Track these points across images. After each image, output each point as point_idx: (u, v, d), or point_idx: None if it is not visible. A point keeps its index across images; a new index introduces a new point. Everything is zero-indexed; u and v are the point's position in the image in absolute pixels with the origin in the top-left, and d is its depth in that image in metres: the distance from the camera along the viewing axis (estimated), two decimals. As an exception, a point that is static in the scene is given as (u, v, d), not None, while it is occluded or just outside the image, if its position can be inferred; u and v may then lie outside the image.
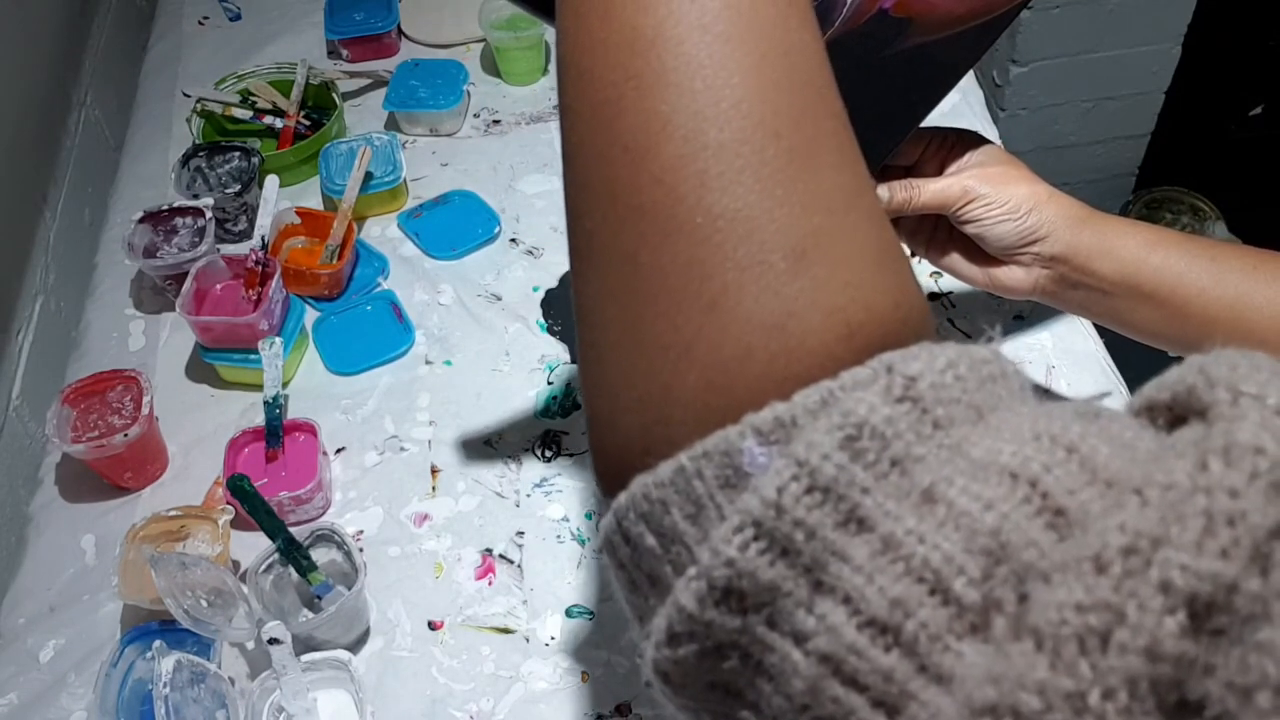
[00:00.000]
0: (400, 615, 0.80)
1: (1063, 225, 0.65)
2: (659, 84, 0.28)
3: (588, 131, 0.30)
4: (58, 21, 1.19)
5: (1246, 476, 0.21)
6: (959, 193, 0.66)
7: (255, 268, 0.94)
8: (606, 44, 0.30)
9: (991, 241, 0.66)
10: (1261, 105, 2.12)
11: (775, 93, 0.29)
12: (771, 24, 0.30)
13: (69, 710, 0.76)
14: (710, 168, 0.28)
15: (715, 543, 0.25)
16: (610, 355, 0.30)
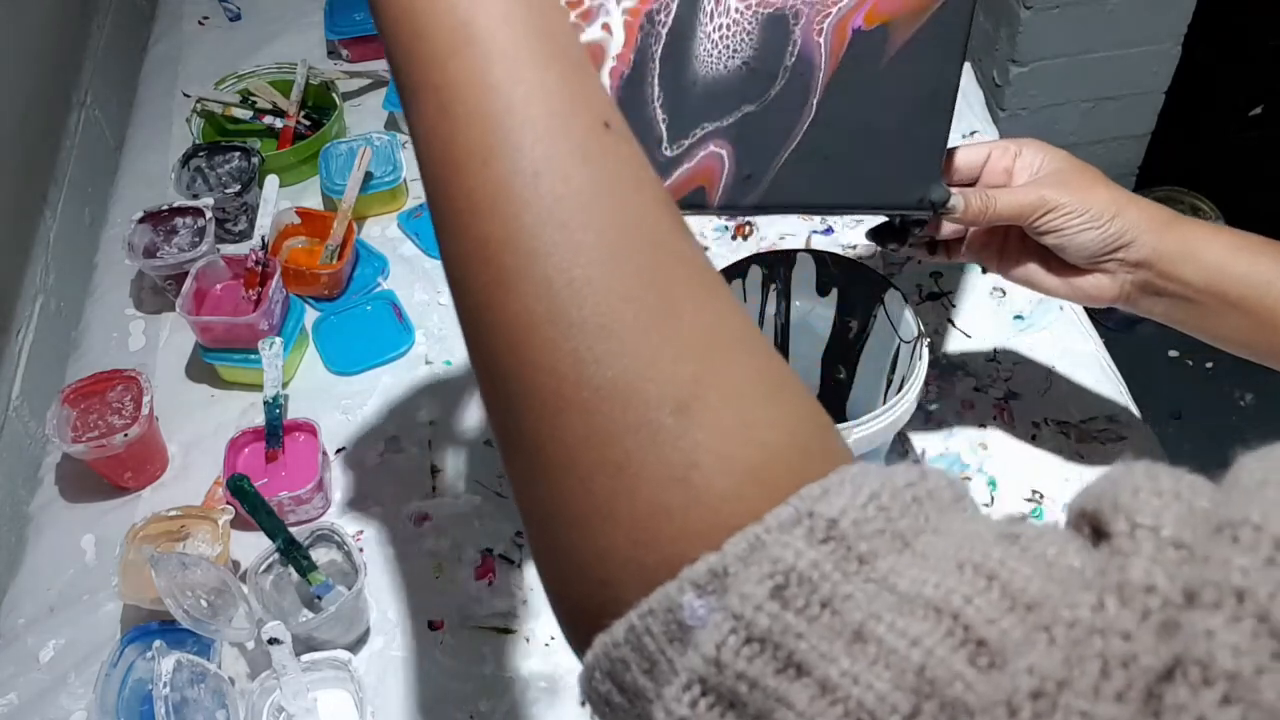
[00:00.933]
0: (400, 615, 0.80)
1: (1146, 230, 0.63)
2: (517, 281, 0.31)
3: (474, 332, 0.33)
4: (58, 21, 1.19)
5: (1138, 616, 0.23)
6: (1036, 202, 0.64)
7: (255, 268, 0.94)
8: (467, 255, 0.32)
9: (1074, 251, 0.64)
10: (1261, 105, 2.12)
11: (618, 262, 0.30)
12: (604, 197, 0.31)
13: (69, 710, 0.76)
14: (579, 345, 0.30)
15: (668, 702, 0.27)
16: (546, 529, 0.31)
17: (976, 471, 0.84)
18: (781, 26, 0.56)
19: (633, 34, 0.53)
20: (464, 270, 0.33)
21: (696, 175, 0.57)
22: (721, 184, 0.58)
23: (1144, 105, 1.73)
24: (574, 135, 0.32)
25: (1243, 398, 1.87)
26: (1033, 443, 0.85)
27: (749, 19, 0.56)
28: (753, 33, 0.56)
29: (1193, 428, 1.81)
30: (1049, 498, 0.82)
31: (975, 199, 0.64)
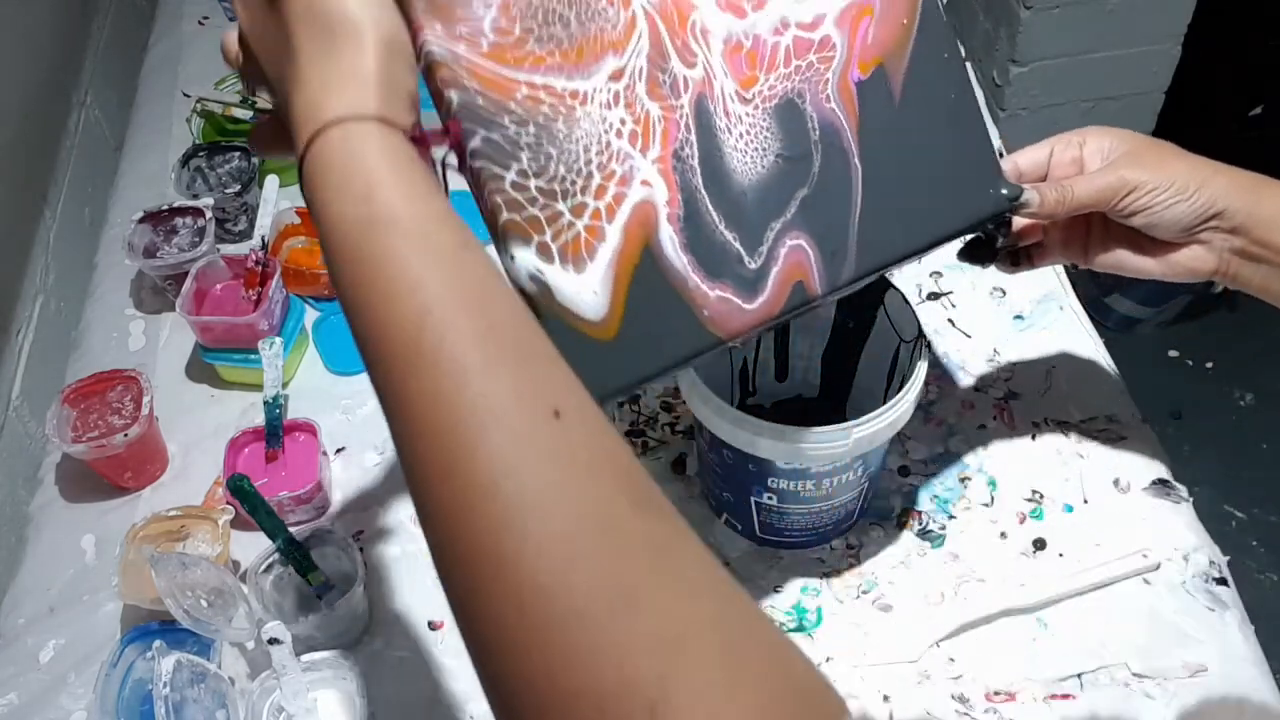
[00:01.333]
0: (400, 615, 0.80)
1: (1236, 195, 0.62)
2: (490, 587, 0.33)
3: (460, 625, 0.36)
4: (58, 21, 1.19)
5: None
6: (1117, 184, 0.63)
7: (255, 268, 0.94)
8: (444, 558, 0.35)
9: (1166, 227, 0.64)
10: (1261, 105, 2.12)
11: (581, 561, 0.32)
12: (560, 494, 0.33)
13: (69, 710, 0.76)
14: (551, 652, 0.31)
15: None
16: None
17: (976, 471, 0.84)
18: (793, 110, 0.58)
19: (670, 178, 0.53)
20: (444, 571, 0.35)
21: (790, 273, 0.57)
22: (815, 271, 0.58)
23: (1144, 105, 1.73)
24: (524, 436, 0.33)
25: (1243, 398, 1.87)
26: (1033, 443, 0.85)
27: (762, 117, 0.57)
28: (771, 127, 0.57)
29: (1193, 428, 1.81)
30: (1049, 498, 0.82)
31: (1050, 191, 0.64)
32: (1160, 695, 0.72)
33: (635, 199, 0.52)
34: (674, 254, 0.53)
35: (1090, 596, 0.77)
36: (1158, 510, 0.81)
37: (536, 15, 0.50)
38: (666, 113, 0.54)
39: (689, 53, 0.55)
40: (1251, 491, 1.73)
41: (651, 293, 0.52)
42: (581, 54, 0.51)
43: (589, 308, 0.51)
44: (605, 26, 0.52)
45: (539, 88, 0.49)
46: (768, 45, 0.57)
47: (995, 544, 0.80)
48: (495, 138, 0.48)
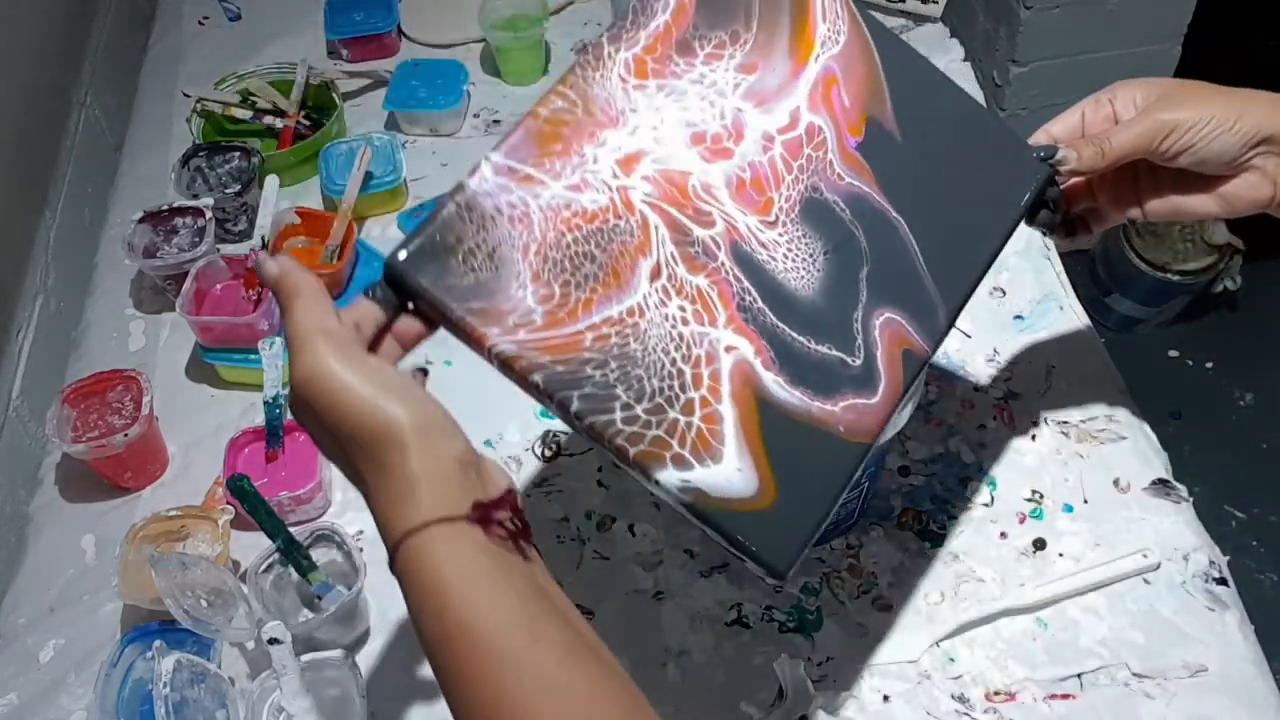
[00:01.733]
0: (400, 615, 0.80)
1: (1276, 111, 0.62)
2: None
3: None
4: (58, 21, 1.20)
5: None
6: (1155, 127, 0.62)
7: (255, 268, 0.94)
8: None
9: (1214, 161, 0.63)
10: (1261, 105, 2.12)
11: None
12: None
13: (69, 710, 0.76)
14: None
15: None
16: None
17: (976, 471, 0.84)
18: (816, 205, 0.59)
19: (747, 330, 0.55)
20: None
21: (892, 349, 0.58)
22: (914, 334, 0.58)
23: (1144, 105, 1.73)
24: None
25: (1243, 398, 1.87)
26: (1033, 443, 0.85)
27: (794, 229, 0.58)
28: (806, 233, 0.58)
29: (1193, 428, 1.81)
30: (1049, 498, 0.82)
31: (1086, 146, 0.63)
32: (1160, 695, 0.72)
33: (728, 367, 0.54)
34: (786, 394, 0.54)
35: (1090, 596, 0.77)
36: (1158, 510, 0.81)
37: (565, 266, 0.52)
38: (712, 277, 0.55)
39: (704, 215, 0.56)
40: (1251, 491, 1.73)
41: (785, 441, 0.53)
42: (618, 274, 0.53)
43: (741, 487, 0.52)
44: (625, 239, 0.54)
45: (599, 325, 0.52)
46: (764, 166, 0.58)
47: (995, 544, 0.80)
48: (589, 391, 0.51)
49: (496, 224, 0.52)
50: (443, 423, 0.48)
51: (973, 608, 0.76)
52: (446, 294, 0.50)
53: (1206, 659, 0.73)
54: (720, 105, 0.58)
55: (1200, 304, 1.92)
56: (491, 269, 0.51)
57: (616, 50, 0.57)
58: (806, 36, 0.62)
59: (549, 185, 0.53)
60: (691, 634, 0.77)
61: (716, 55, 0.59)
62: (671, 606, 0.79)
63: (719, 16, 0.60)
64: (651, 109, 0.57)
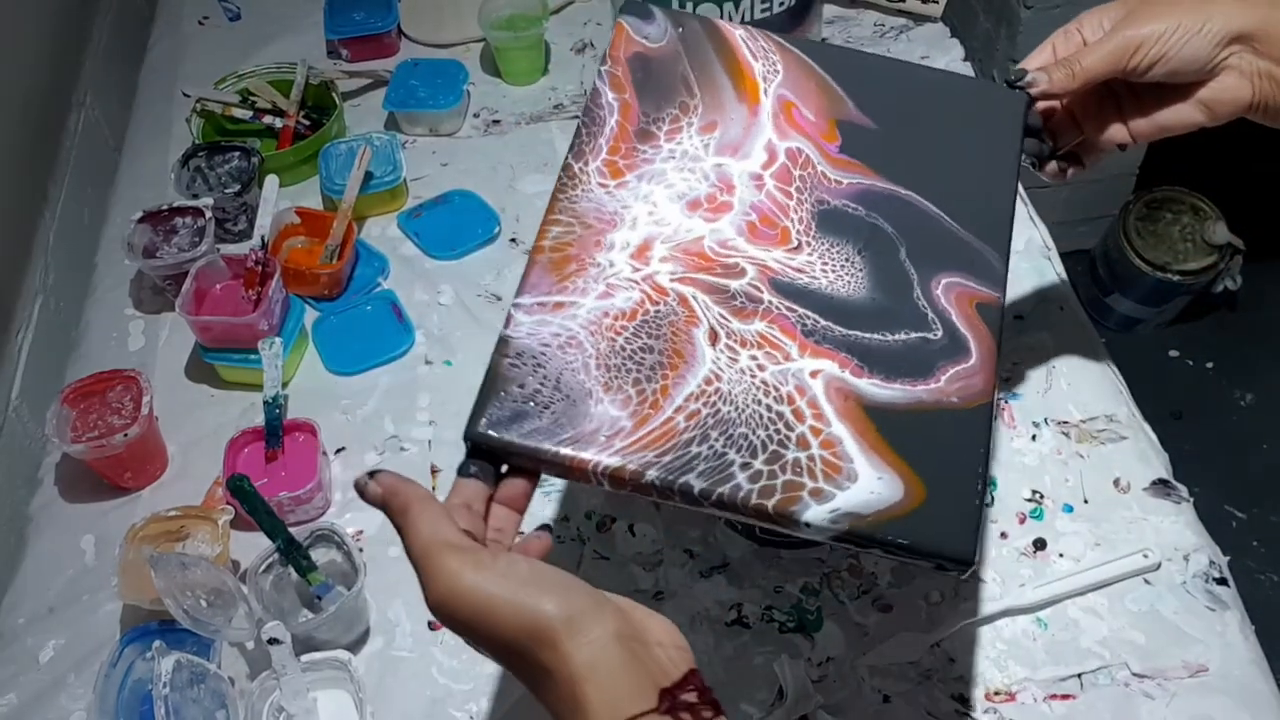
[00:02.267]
0: (400, 615, 0.80)
1: (1247, 12, 0.61)
2: None
3: None
4: (58, 22, 1.20)
5: None
6: (1123, 43, 0.62)
7: (255, 268, 0.94)
8: None
9: (1187, 67, 0.63)
10: (1261, 105, 2.12)
11: None
12: None
13: (68, 710, 0.76)
14: None
15: None
16: None
17: (976, 471, 0.84)
18: (829, 215, 0.61)
19: (822, 351, 0.56)
20: None
21: (966, 307, 0.60)
22: (980, 285, 0.61)
23: (1144, 105, 1.73)
24: None
25: (1243, 398, 1.87)
26: (1033, 443, 0.85)
27: (819, 245, 0.60)
28: (833, 243, 0.60)
29: (1193, 428, 1.81)
30: (1049, 498, 0.82)
31: (1056, 69, 0.64)
32: (1160, 695, 0.72)
33: (822, 390, 0.54)
34: (888, 391, 0.55)
35: (1090, 596, 0.77)
36: (1158, 510, 0.81)
37: (629, 367, 0.54)
38: (766, 318, 0.56)
39: (732, 269, 0.58)
40: (1251, 491, 1.73)
41: (909, 435, 0.53)
42: (680, 353, 0.55)
43: (889, 495, 0.51)
44: (671, 320, 0.56)
45: (685, 405, 0.53)
46: (765, 202, 0.60)
47: (995, 544, 0.80)
48: (703, 468, 0.51)
49: (549, 357, 0.53)
50: (590, 601, 0.44)
51: (973, 608, 0.76)
52: (534, 439, 0.50)
53: (1207, 659, 0.73)
54: (700, 168, 0.61)
55: (1200, 304, 1.92)
56: (563, 399, 0.52)
57: (584, 164, 0.60)
58: (747, 80, 0.65)
59: (581, 303, 0.55)
60: (691, 634, 0.77)
61: (676, 130, 0.62)
62: (671, 606, 0.79)
63: (662, 97, 0.63)
64: (640, 199, 0.59)
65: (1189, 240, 1.84)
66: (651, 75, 0.64)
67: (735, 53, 0.66)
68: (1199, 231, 1.82)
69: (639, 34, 0.65)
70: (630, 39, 0.65)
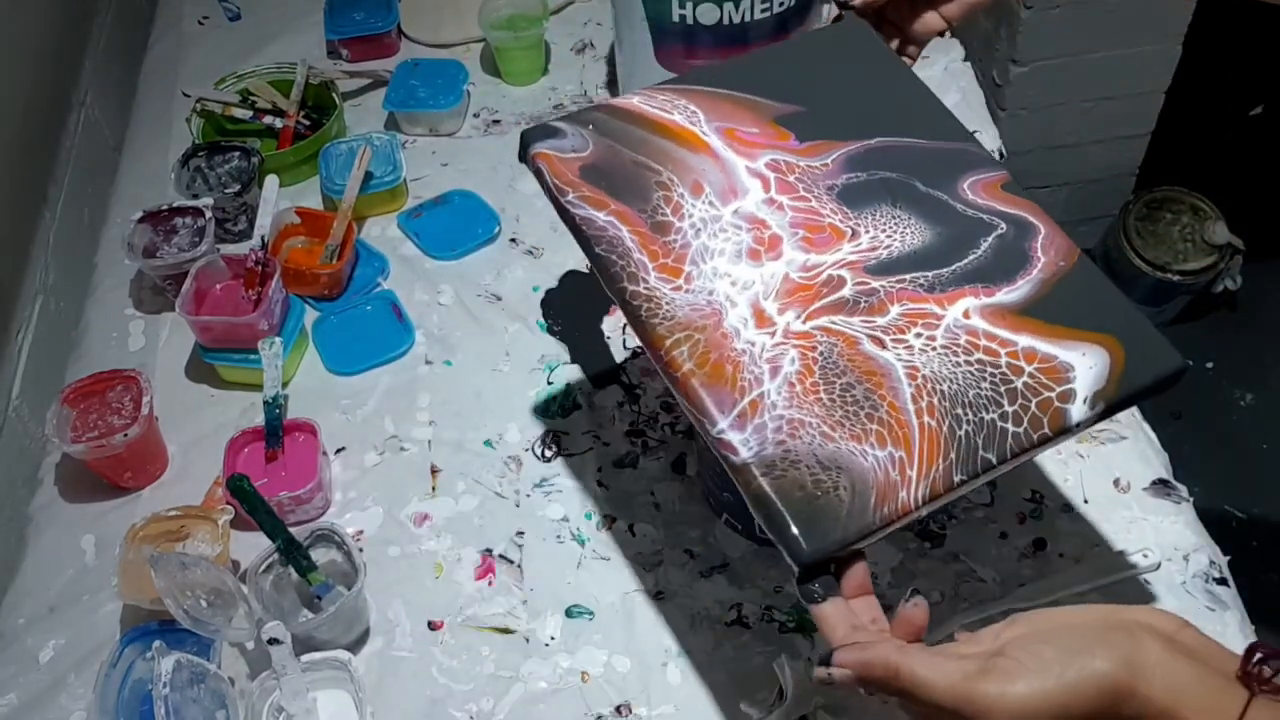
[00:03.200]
0: (400, 615, 0.80)
1: None
2: None
3: None
4: (58, 21, 1.20)
5: None
6: None
7: (255, 268, 0.94)
8: None
9: None
10: (1261, 105, 2.12)
11: None
12: None
13: (68, 710, 0.76)
14: None
15: None
16: None
17: (976, 471, 0.84)
18: (847, 194, 0.64)
19: (951, 294, 0.60)
20: None
21: (994, 192, 0.65)
22: (990, 172, 0.66)
23: (1144, 105, 1.73)
24: None
25: (1243, 398, 1.87)
26: (1033, 443, 0.85)
27: (865, 219, 0.63)
28: (869, 210, 0.64)
29: (1193, 428, 1.81)
30: (1049, 498, 0.82)
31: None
32: (1160, 695, 0.72)
33: (982, 323, 0.59)
34: (1020, 290, 0.60)
35: (1090, 596, 0.77)
36: (1158, 510, 0.81)
37: (851, 411, 0.55)
38: (895, 300, 0.60)
39: (831, 282, 0.60)
40: (1251, 491, 1.73)
41: (1064, 309, 0.59)
42: (871, 371, 0.57)
43: (1102, 360, 0.57)
44: (839, 350, 0.58)
45: (921, 405, 0.56)
46: (796, 216, 0.63)
47: (995, 544, 0.80)
48: (980, 440, 0.55)
49: (794, 449, 0.53)
50: (1120, 634, 0.44)
51: (973, 608, 0.76)
52: (856, 522, 0.51)
53: (1206, 659, 0.73)
54: (726, 223, 0.63)
55: (1200, 304, 1.92)
56: (839, 470, 0.53)
57: (644, 282, 0.60)
58: (683, 133, 0.67)
59: (766, 390, 0.56)
60: (691, 634, 0.77)
61: (678, 207, 0.64)
62: (671, 606, 0.79)
63: (639, 190, 0.64)
64: (715, 278, 0.60)
65: (1189, 240, 1.83)
66: (611, 178, 0.65)
67: (653, 119, 0.68)
68: (1199, 231, 1.82)
69: (564, 153, 0.66)
70: (562, 161, 0.65)
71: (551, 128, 0.67)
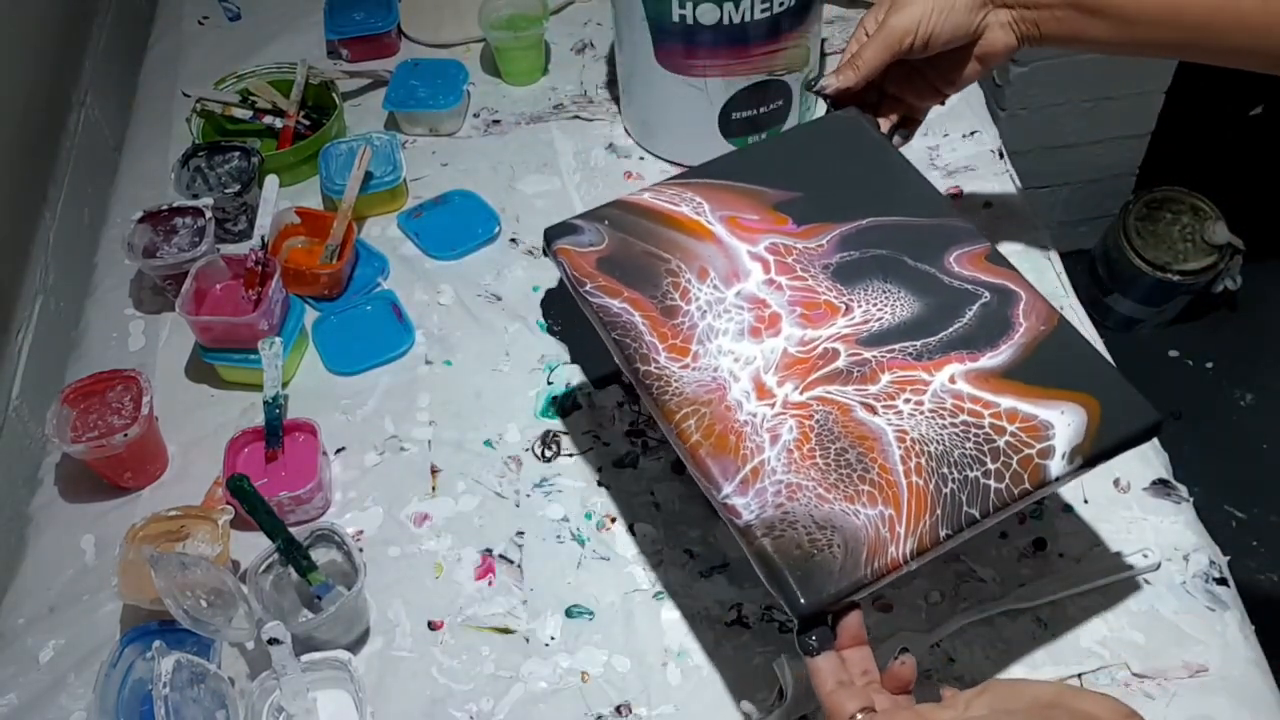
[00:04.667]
0: (400, 615, 0.80)
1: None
2: None
3: None
4: (58, 21, 1.20)
5: None
6: (891, 35, 0.72)
7: (255, 268, 0.94)
8: None
9: (955, 35, 0.73)
10: (1261, 105, 2.12)
11: None
12: None
13: (68, 710, 0.76)
14: None
15: None
16: None
17: (976, 471, 0.84)
18: (841, 272, 0.70)
19: (939, 362, 0.65)
20: None
21: (979, 263, 0.70)
22: (973, 245, 0.71)
23: (1144, 105, 1.73)
24: None
25: (1243, 398, 1.87)
26: (1033, 443, 0.85)
27: (857, 294, 0.69)
28: (864, 286, 0.69)
29: (1193, 428, 1.81)
30: (1049, 498, 0.82)
31: (844, 69, 0.76)
32: (1160, 695, 0.72)
33: (966, 386, 0.63)
34: (1002, 355, 0.65)
35: (1090, 596, 0.77)
36: (1158, 510, 0.81)
37: (844, 473, 0.60)
38: (886, 370, 0.64)
39: (826, 355, 0.65)
40: (1251, 491, 1.73)
41: (1044, 370, 0.64)
42: (863, 436, 0.62)
43: (1079, 418, 0.61)
44: (833, 418, 0.63)
45: (910, 466, 0.61)
46: (795, 294, 0.68)
47: (995, 544, 0.80)
48: (964, 496, 0.59)
49: (792, 511, 0.58)
50: (1059, 709, 0.48)
51: (973, 608, 0.76)
52: (849, 577, 0.56)
53: (1207, 659, 0.73)
54: (729, 304, 0.68)
55: (1200, 304, 1.93)
56: (833, 529, 0.57)
57: (655, 363, 0.66)
58: (689, 223, 0.73)
59: (767, 457, 0.61)
60: (691, 634, 0.77)
61: (686, 292, 0.69)
62: (671, 606, 0.79)
63: (650, 278, 0.70)
64: (719, 355, 0.66)
65: (1189, 240, 1.84)
66: (624, 268, 0.71)
67: (661, 212, 0.74)
68: (1199, 231, 1.82)
69: (582, 247, 0.72)
70: (580, 255, 0.72)
71: (571, 225, 0.74)
